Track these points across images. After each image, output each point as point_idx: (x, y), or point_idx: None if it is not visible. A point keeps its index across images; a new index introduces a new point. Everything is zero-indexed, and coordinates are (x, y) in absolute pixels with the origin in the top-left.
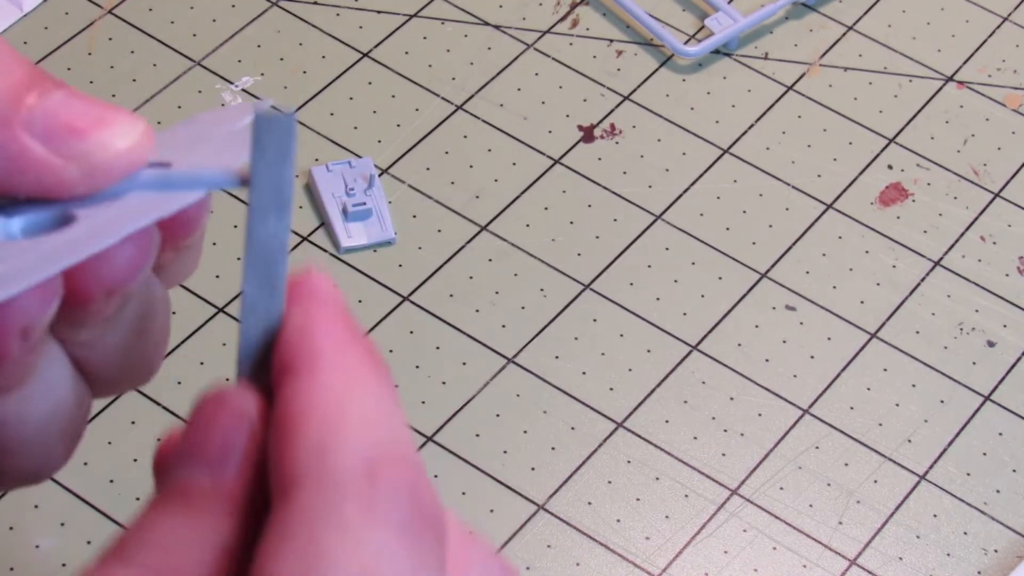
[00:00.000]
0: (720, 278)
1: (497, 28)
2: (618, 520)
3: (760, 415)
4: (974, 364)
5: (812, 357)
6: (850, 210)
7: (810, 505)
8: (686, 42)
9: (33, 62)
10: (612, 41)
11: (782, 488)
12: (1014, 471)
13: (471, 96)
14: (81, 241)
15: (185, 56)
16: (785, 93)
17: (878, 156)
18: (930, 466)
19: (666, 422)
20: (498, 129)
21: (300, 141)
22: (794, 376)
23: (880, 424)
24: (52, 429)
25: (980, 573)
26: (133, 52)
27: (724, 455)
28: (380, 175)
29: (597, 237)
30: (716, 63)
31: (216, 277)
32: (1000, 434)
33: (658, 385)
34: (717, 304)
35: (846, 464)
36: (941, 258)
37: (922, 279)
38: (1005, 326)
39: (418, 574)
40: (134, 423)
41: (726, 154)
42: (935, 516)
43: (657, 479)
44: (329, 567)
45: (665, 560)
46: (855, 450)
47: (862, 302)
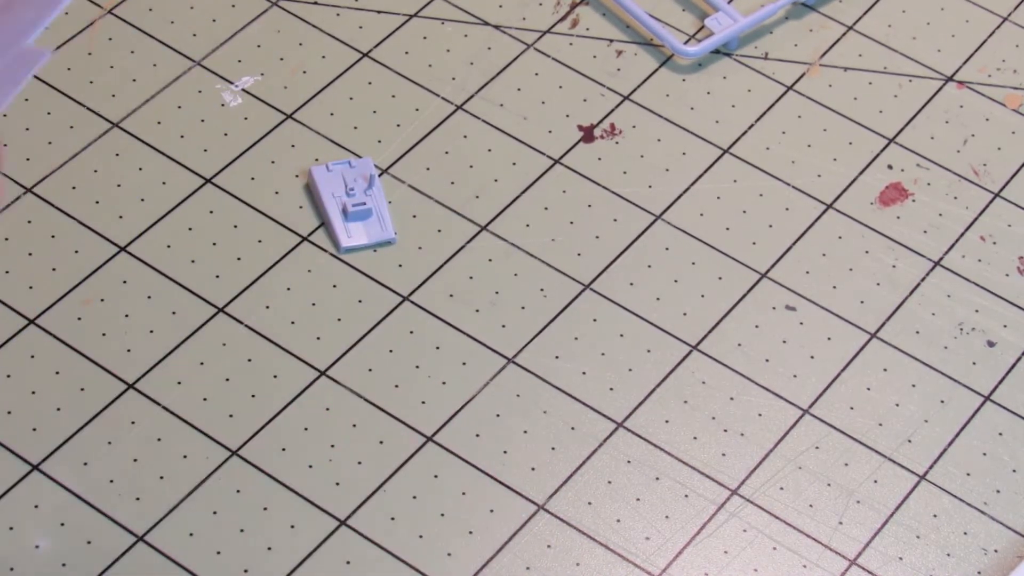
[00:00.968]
0: (720, 278)
1: (497, 28)
2: (618, 520)
3: (760, 415)
4: (974, 364)
5: (812, 357)
6: (850, 210)
7: (810, 505)
8: (686, 42)
9: None
10: (612, 41)
11: (782, 488)
12: (1014, 471)
13: (471, 96)
14: None
15: (185, 56)
16: (785, 93)
17: (878, 156)
18: (930, 466)
19: (666, 422)
20: (498, 129)
21: (301, 141)
22: (794, 376)
23: (880, 424)
24: None
25: (980, 573)
26: (133, 52)
27: (724, 455)
28: (380, 175)
29: (597, 237)
30: (716, 63)
31: (216, 277)
32: (1000, 434)
33: (658, 385)
34: (717, 304)
35: (846, 464)
36: (941, 258)
37: (922, 279)
38: (1005, 326)
39: None
40: (134, 423)
41: (726, 154)
42: (935, 516)
43: (657, 479)
44: None
45: (665, 560)
46: (855, 450)
47: (862, 302)
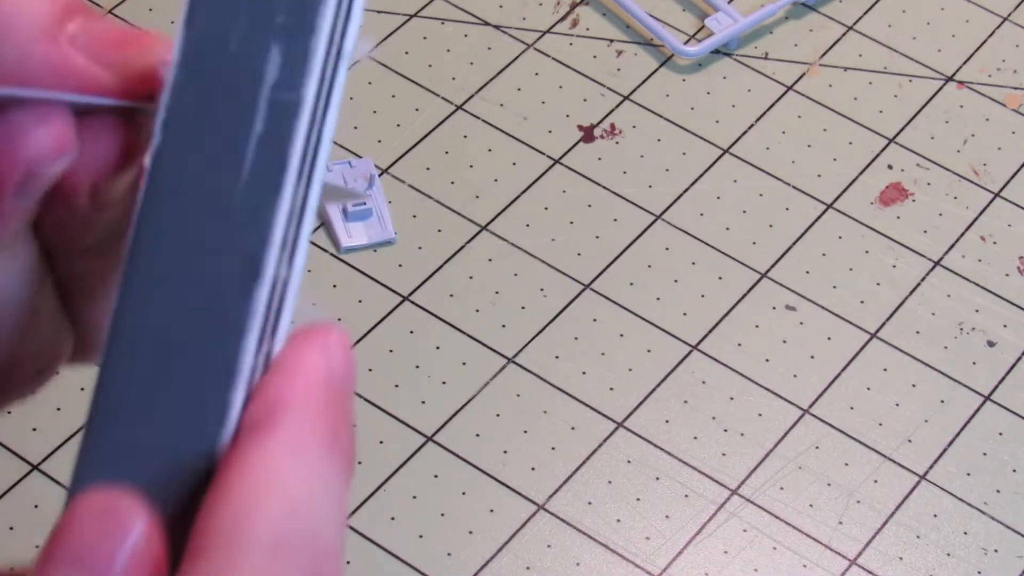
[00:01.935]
0: (720, 278)
1: (497, 28)
2: (618, 520)
3: (760, 415)
4: (974, 364)
5: (812, 357)
6: (850, 210)
7: (810, 505)
8: (686, 42)
9: None
10: (612, 41)
11: (782, 488)
12: (1014, 471)
13: (471, 96)
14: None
15: None
16: (785, 93)
17: (878, 156)
18: (930, 466)
19: (666, 422)
20: (498, 129)
21: None
22: (794, 376)
23: (880, 424)
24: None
25: (980, 573)
26: None
27: (724, 455)
28: (380, 175)
29: (597, 237)
30: (716, 63)
31: None
32: (1000, 434)
33: (658, 385)
34: (717, 304)
35: (846, 464)
36: (941, 258)
37: (922, 279)
38: (1005, 326)
39: None
40: None
41: (726, 154)
42: (935, 516)
43: (657, 479)
44: None
45: (665, 560)
46: (855, 450)
47: (862, 302)
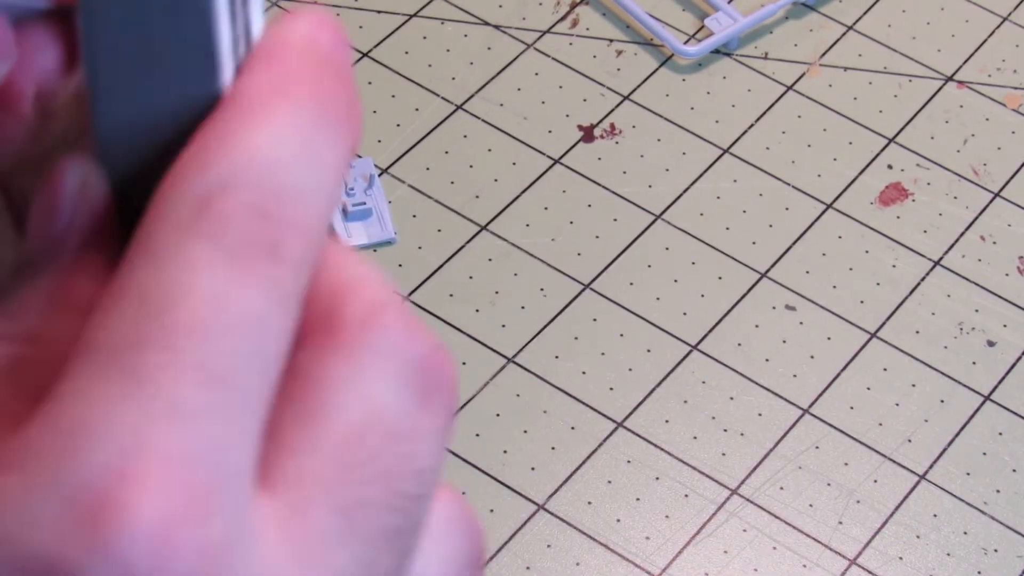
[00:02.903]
0: (720, 278)
1: (497, 28)
2: (618, 520)
3: (760, 415)
4: (974, 364)
5: (812, 357)
6: (850, 210)
7: (810, 505)
8: (686, 42)
9: None
10: (612, 41)
11: (782, 488)
12: (1014, 471)
13: (471, 96)
14: None
15: None
16: (785, 93)
17: (878, 156)
18: (930, 466)
19: (666, 422)
20: (498, 129)
21: None
22: (794, 376)
23: (880, 424)
24: None
25: (980, 573)
26: None
27: (724, 455)
28: (380, 175)
29: (597, 237)
30: (716, 63)
31: None
32: (1000, 434)
33: (658, 385)
34: (717, 304)
35: (846, 464)
36: (941, 258)
37: (922, 279)
38: (1005, 326)
39: (240, 303)
40: None
41: (726, 154)
42: (935, 516)
43: (657, 479)
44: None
45: (665, 560)
46: (855, 450)
47: (862, 302)
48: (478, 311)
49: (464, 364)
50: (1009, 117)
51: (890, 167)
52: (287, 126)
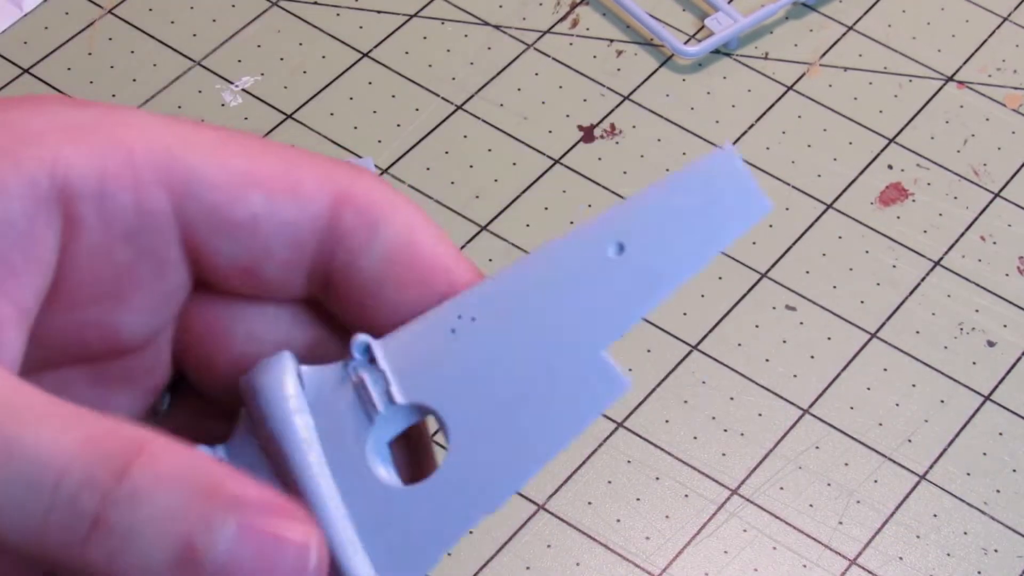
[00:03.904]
0: (720, 278)
1: (497, 28)
2: (618, 520)
3: (760, 415)
4: (974, 364)
5: (812, 357)
6: (850, 210)
7: (810, 505)
8: (686, 42)
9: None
10: (612, 41)
11: (782, 488)
12: (1014, 471)
13: (471, 96)
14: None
15: (185, 56)
16: (785, 93)
17: (878, 156)
18: (930, 466)
19: (666, 422)
20: (498, 129)
21: (301, 141)
22: (794, 376)
23: (880, 424)
24: None
25: (980, 573)
26: (133, 52)
27: (724, 455)
28: (380, 175)
29: None
30: (716, 63)
31: None
32: (1000, 434)
33: (658, 385)
34: (717, 304)
35: (846, 464)
36: (941, 258)
37: (922, 279)
38: (1005, 326)
39: None
40: None
41: None
42: (935, 516)
43: (657, 479)
44: None
45: (665, 560)
46: (855, 450)
47: (862, 302)
48: None
49: None
50: (1009, 117)
51: (890, 167)
52: None
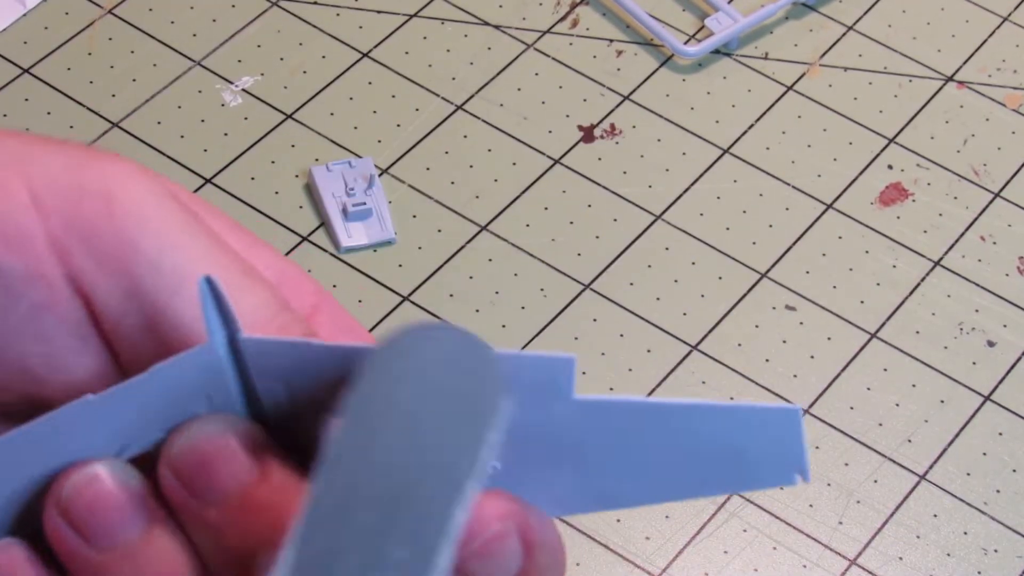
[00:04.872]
0: (720, 278)
1: (497, 28)
2: (618, 520)
3: None
4: (974, 364)
5: (812, 357)
6: (850, 210)
7: (810, 505)
8: (686, 42)
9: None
10: (612, 41)
11: (782, 488)
12: (1014, 471)
13: (471, 96)
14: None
15: (185, 56)
16: (785, 93)
17: (878, 156)
18: (930, 466)
19: None
20: (498, 129)
21: (301, 141)
22: (794, 376)
23: (880, 424)
24: None
25: (980, 573)
26: (133, 52)
27: None
28: (380, 175)
29: (597, 237)
30: (716, 63)
31: None
32: (1000, 434)
33: (658, 385)
34: (717, 304)
35: (846, 464)
36: (941, 258)
37: (922, 279)
38: (1005, 326)
39: None
40: None
41: (726, 154)
42: (935, 516)
43: None
44: None
45: (665, 560)
46: (855, 450)
47: (862, 302)
48: (478, 311)
49: None
50: (1009, 117)
51: (890, 167)
52: None
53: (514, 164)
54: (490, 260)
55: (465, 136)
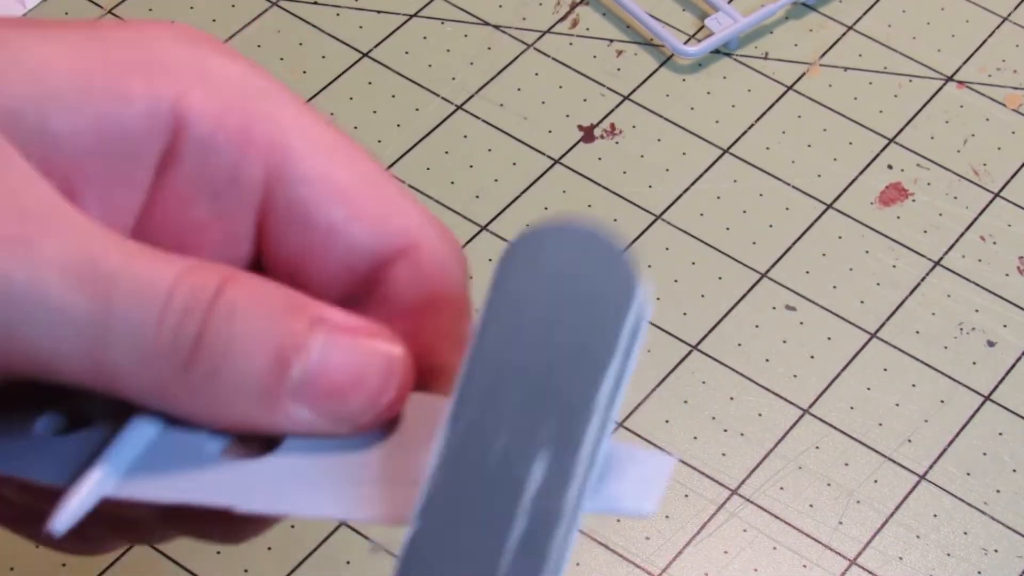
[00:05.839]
0: (720, 278)
1: (497, 28)
2: (618, 520)
3: (760, 415)
4: (974, 364)
5: (812, 357)
6: (850, 210)
7: (810, 505)
8: (686, 42)
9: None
10: (612, 41)
11: (782, 488)
12: (1014, 471)
13: (471, 96)
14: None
15: None
16: (785, 93)
17: (878, 156)
18: (930, 466)
19: (666, 422)
20: (498, 129)
21: None
22: (794, 376)
23: (880, 424)
24: None
25: (980, 573)
26: None
27: (724, 455)
28: None
29: None
30: (716, 63)
31: None
32: (1000, 434)
33: (658, 385)
34: (717, 304)
35: (846, 464)
36: (941, 258)
37: (922, 279)
38: (1005, 326)
39: None
40: None
41: (726, 154)
42: (935, 516)
43: None
44: None
45: (665, 560)
46: (855, 450)
47: (862, 302)
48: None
49: None
50: (1009, 117)
51: (890, 167)
52: None
53: (514, 164)
54: (490, 260)
55: (465, 136)
